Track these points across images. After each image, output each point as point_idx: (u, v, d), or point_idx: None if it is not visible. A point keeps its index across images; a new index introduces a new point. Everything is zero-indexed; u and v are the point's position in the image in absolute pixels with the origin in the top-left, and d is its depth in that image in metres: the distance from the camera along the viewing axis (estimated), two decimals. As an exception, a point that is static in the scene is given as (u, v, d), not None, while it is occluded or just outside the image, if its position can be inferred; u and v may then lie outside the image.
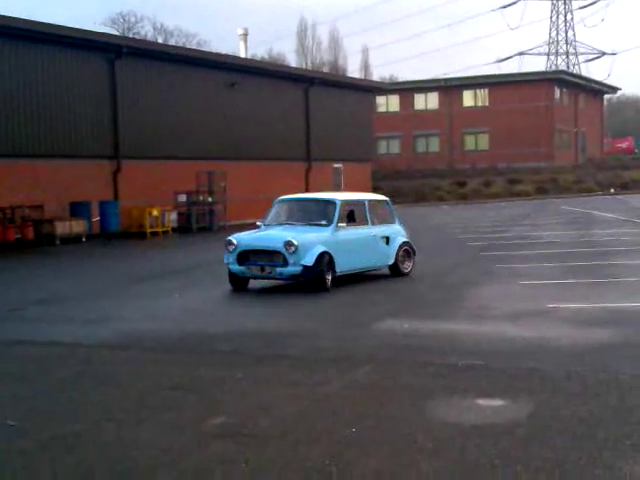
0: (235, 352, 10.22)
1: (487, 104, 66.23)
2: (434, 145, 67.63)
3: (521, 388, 7.94)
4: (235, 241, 15.31)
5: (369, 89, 52.46)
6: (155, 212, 31.39)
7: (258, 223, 16.52)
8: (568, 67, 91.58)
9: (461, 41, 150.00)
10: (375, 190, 50.56)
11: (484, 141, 66.14)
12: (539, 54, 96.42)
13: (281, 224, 15.89)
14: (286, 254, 14.70)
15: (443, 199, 51.09)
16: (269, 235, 15.42)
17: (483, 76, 68.86)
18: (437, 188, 53.27)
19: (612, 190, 51.74)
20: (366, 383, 8.50)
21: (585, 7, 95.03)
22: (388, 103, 67.62)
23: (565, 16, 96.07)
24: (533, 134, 62.74)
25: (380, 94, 60.05)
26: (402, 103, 68.17)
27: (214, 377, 8.92)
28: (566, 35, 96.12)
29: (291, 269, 14.80)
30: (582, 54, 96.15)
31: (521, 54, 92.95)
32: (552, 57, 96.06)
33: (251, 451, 6.40)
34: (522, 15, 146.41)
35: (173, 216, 33.07)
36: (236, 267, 15.26)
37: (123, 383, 8.78)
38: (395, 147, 68.04)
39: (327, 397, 7.96)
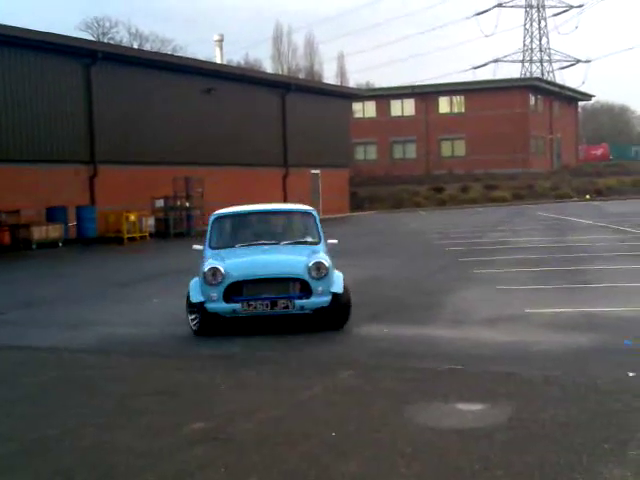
0: (215, 356, 10.20)
1: (463, 111, 66.55)
2: (411, 151, 67.86)
3: (500, 393, 7.96)
4: (223, 269, 11.22)
5: (346, 95, 52.62)
6: (132, 217, 31.29)
7: (196, 247, 13.03)
8: (543, 74, 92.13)
9: (437, 48, 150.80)
10: (353, 196, 50.76)
11: (460, 147, 66.44)
12: (514, 61, 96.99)
13: (251, 244, 12.34)
14: (311, 281, 11.27)
15: (420, 205, 51.28)
16: (274, 259, 11.72)
17: (459, 83, 69.19)
18: (414, 194, 53.43)
19: (587, 196, 52.12)
20: (346, 388, 8.49)
21: (558, 15, 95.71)
22: (364, 109, 67.77)
23: (539, 24, 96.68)
24: (509, 140, 63.10)
25: (356, 100, 60.19)
26: (378, 109, 68.38)
27: (194, 381, 8.90)
28: (540, 42, 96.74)
29: (317, 300, 11.32)
30: (556, 61, 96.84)
31: (496, 61, 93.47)
32: (527, 64, 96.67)
33: (231, 456, 6.39)
34: (497, 22, 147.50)
35: (150, 221, 33.00)
36: (221, 306, 11.24)
37: (102, 388, 8.74)
38: (372, 153, 68.21)
39: (307, 402, 7.96)
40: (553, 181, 57.38)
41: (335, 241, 12.88)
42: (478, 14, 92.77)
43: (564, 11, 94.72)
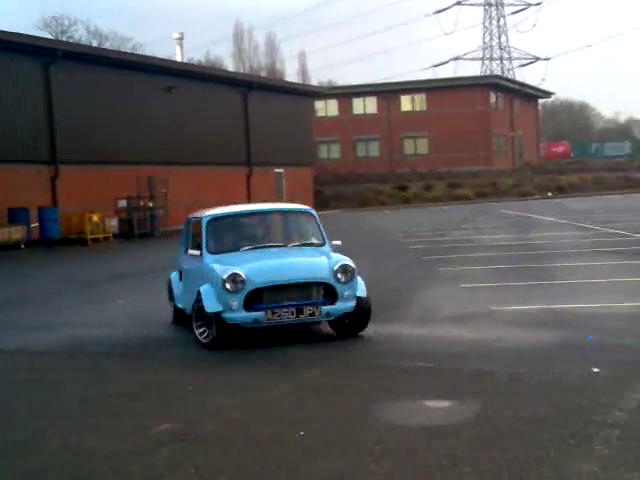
0: (181, 357, 10.16)
1: (425, 109, 66.89)
2: (374, 149, 68.08)
3: (467, 390, 8.00)
4: (244, 275, 10.11)
5: (308, 93, 52.67)
6: (95, 218, 31.08)
7: (193, 252, 11.54)
8: (503, 72, 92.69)
9: (398, 46, 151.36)
10: (317, 194, 50.76)
11: (423, 145, 66.78)
12: (474, 59, 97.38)
13: (257, 247, 11.27)
14: (337, 285, 10.45)
15: (385, 203, 51.42)
16: (296, 262, 10.74)
17: (420, 81, 69.50)
18: (379, 192, 53.59)
19: (549, 194, 52.58)
20: (314, 387, 8.49)
21: (517, 12, 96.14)
22: (327, 108, 67.84)
23: (498, 21, 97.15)
24: (471, 138, 63.52)
25: (319, 98, 60.27)
26: (341, 107, 68.54)
27: (160, 383, 8.86)
28: (499, 40, 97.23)
29: (342, 306, 10.49)
30: (516, 59, 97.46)
31: (456, 59, 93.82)
32: (487, 62, 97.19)
33: (199, 456, 6.37)
34: (456, 20, 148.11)
35: (114, 222, 32.80)
36: (242, 315, 10.12)
37: (68, 390, 8.68)
38: (336, 152, 68.34)
39: (275, 401, 7.96)
40: (515, 179, 57.82)
41: (339, 242, 11.70)
42: (438, 12, 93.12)
43: (523, 9, 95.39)
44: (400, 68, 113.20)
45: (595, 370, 8.50)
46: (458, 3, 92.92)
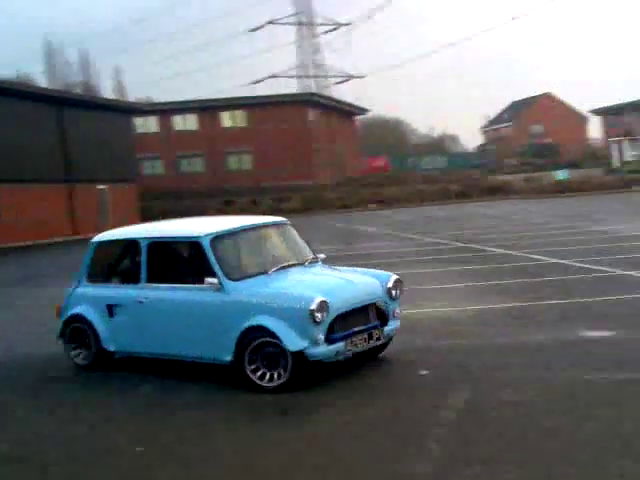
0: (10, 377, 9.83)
1: (246, 125, 67.37)
2: (198, 165, 67.90)
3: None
4: (329, 302, 8.59)
5: (126, 110, 52.12)
6: None
7: (211, 281, 8.94)
8: (319, 89, 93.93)
9: (217, 62, 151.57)
10: (145, 211, 49.99)
11: (247, 161, 67.17)
12: (291, 77, 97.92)
13: (281, 267, 9.46)
14: (390, 303, 9.50)
15: (212, 219, 51.16)
16: (355, 283, 9.33)
17: (240, 97, 69.81)
18: (205, 208, 53.27)
19: (372, 206, 53.89)
20: (149, 401, 8.45)
21: (328, 32, 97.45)
22: (147, 124, 67.07)
23: (311, 40, 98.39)
24: (293, 154, 64.44)
25: (138, 115, 59.54)
26: (161, 124, 68.05)
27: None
28: (314, 59, 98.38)
29: (394, 325, 9.58)
30: (331, 77, 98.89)
31: (273, 77, 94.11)
32: (303, 80, 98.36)
33: (35, 475, 6.31)
34: (271, 39, 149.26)
35: None
36: (326, 349, 8.56)
37: None
38: (159, 168, 67.70)
39: (113, 417, 7.90)
40: (338, 192, 58.95)
41: (323, 256, 10.52)
42: (253, 30, 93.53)
43: (334, 29, 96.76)
44: (220, 85, 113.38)
45: (423, 372, 8.78)
46: (270, 22, 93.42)
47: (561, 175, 60.32)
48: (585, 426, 6.67)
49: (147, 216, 48.97)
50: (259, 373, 8.55)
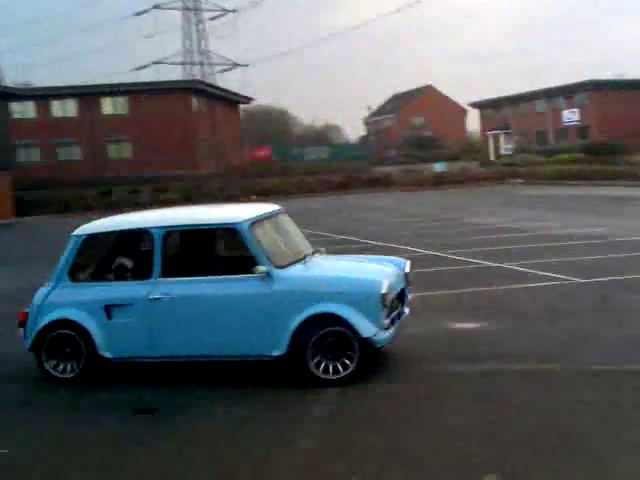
0: None
1: (127, 112, 66.14)
2: (76, 153, 66.25)
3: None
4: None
5: (2, 94, 50.44)
6: None
7: (261, 268, 8.23)
8: (204, 77, 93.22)
9: (100, 47, 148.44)
10: (18, 201, 48.61)
11: (127, 150, 66.01)
12: (175, 63, 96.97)
13: (306, 256, 8.97)
14: (407, 289, 9.36)
15: (91, 208, 50.12)
16: (387, 271, 8.92)
17: (121, 84, 68.27)
18: (83, 197, 52.25)
19: (253, 197, 53.88)
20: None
21: (215, 19, 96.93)
22: (24, 110, 65.14)
23: (197, 26, 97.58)
24: (175, 143, 63.68)
25: (14, 100, 57.73)
26: (39, 110, 66.12)
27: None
28: (200, 45, 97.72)
29: (408, 311, 9.41)
30: (216, 64, 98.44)
31: (157, 63, 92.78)
32: (188, 67, 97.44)
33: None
34: (156, 24, 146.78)
35: None
36: (387, 335, 8.34)
37: None
38: (36, 155, 65.79)
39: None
40: (220, 183, 58.62)
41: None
42: (138, 14, 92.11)
43: (220, 15, 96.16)
44: (101, 70, 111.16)
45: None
46: (156, 7, 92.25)
47: (438, 167, 61.63)
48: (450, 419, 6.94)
49: (20, 206, 47.77)
50: (322, 366, 8.00)
